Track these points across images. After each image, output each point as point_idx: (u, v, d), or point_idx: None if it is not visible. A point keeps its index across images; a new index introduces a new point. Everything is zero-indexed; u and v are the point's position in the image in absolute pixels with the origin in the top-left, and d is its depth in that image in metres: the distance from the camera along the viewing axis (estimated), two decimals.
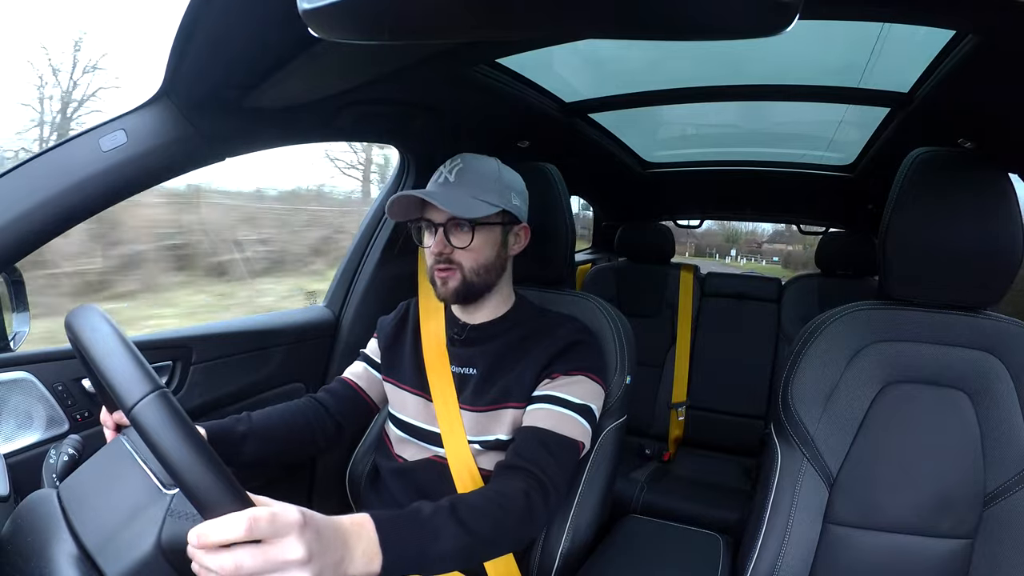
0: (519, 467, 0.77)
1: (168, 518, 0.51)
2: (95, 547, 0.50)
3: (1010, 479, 0.82)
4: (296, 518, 0.47)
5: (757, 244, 20.32)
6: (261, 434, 0.87)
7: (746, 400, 1.98)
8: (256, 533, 0.44)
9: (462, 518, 0.64)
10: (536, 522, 0.73)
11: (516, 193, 0.92)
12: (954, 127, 1.14)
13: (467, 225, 0.86)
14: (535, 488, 0.74)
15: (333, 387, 1.03)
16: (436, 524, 0.62)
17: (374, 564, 0.54)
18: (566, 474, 0.81)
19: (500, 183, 0.89)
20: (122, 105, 0.84)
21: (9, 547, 0.53)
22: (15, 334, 0.89)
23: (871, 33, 1.00)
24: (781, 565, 0.87)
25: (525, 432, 0.83)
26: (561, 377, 0.86)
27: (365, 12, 0.45)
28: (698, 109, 1.57)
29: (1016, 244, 0.81)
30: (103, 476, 0.57)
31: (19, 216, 0.76)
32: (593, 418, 0.88)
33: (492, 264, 0.90)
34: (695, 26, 0.45)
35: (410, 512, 0.62)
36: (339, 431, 0.99)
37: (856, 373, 0.88)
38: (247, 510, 0.44)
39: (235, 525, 0.43)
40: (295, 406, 0.96)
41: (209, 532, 0.44)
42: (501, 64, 1.13)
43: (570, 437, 0.83)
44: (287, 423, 0.92)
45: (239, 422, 0.87)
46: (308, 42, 0.69)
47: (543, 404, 0.85)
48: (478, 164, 0.89)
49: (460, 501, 0.67)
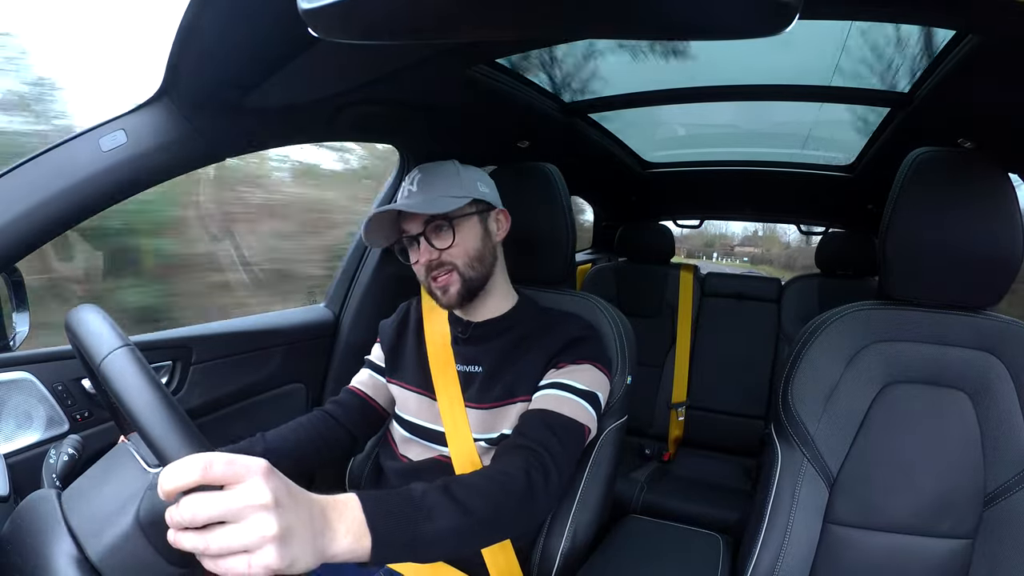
0: (520, 446, 0.74)
1: (148, 492, 0.49)
2: (84, 535, 0.49)
3: (1010, 479, 0.82)
4: (260, 464, 0.43)
5: (730, 247, 23.47)
6: (277, 452, 0.88)
7: (746, 400, 1.98)
8: (212, 476, 0.41)
9: (457, 496, 0.60)
10: (537, 502, 0.68)
11: (480, 181, 0.92)
12: (954, 127, 1.14)
13: (446, 224, 0.87)
14: (536, 467, 0.70)
15: (341, 398, 1.03)
16: (429, 503, 0.58)
17: (362, 543, 0.50)
18: (570, 456, 0.78)
19: (460, 177, 0.90)
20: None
21: (9, 547, 0.53)
22: (15, 334, 0.89)
23: (871, 33, 1.00)
24: (781, 565, 0.87)
25: (529, 414, 0.82)
26: (567, 366, 0.87)
27: (365, 12, 0.45)
28: (698, 109, 1.57)
29: (1016, 244, 0.81)
30: (103, 477, 0.57)
31: (19, 216, 0.76)
32: (599, 405, 0.87)
33: (482, 253, 0.90)
34: (695, 26, 0.45)
35: (400, 491, 0.58)
36: (353, 441, 1.00)
37: (856, 373, 0.88)
38: (206, 454, 0.41)
39: (189, 468, 0.40)
40: (306, 421, 0.96)
41: (164, 479, 0.41)
42: (501, 64, 1.13)
43: (575, 419, 0.81)
44: (300, 439, 0.93)
45: (254, 444, 0.87)
46: (308, 42, 0.69)
47: (549, 390, 0.85)
48: (436, 168, 0.90)
49: (455, 480, 0.63)
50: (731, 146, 2.04)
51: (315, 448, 0.93)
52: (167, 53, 0.74)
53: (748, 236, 23.63)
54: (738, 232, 22.06)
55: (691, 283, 2.13)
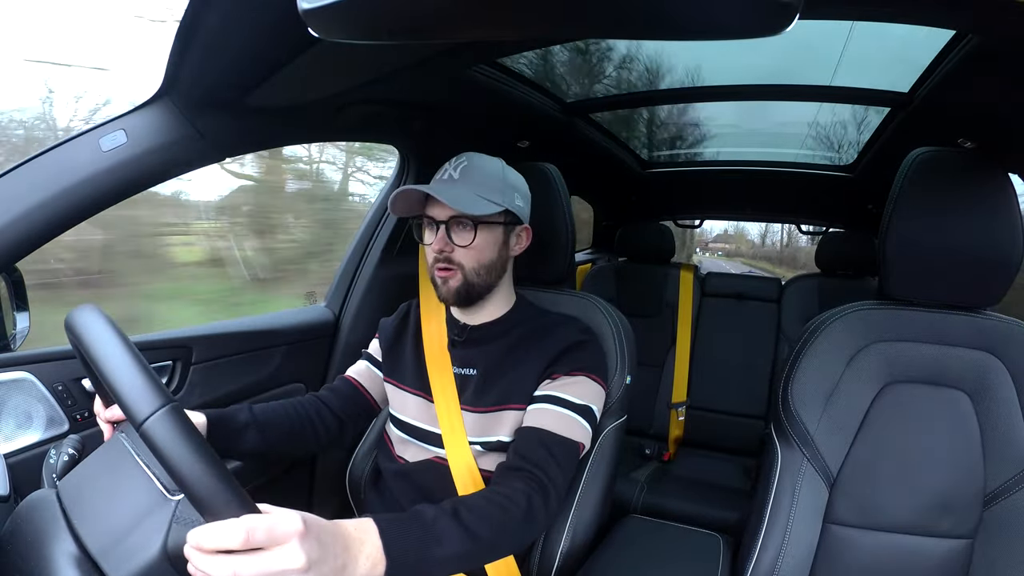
0: (521, 468, 0.77)
1: (174, 524, 0.51)
2: (99, 551, 0.50)
3: (1010, 479, 0.82)
4: (296, 526, 0.46)
5: (705, 243, 26.94)
6: (262, 425, 0.87)
7: (746, 400, 1.98)
8: (253, 543, 0.44)
9: (465, 522, 0.64)
10: (537, 524, 0.73)
11: (519, 194, 0.92)
12: (954, 127, 1.14)
13: (470, 223, 0.86)
14: (537, 491, 0.74)
15: (336, 385, 1.03)
16: (439, 528, 0.62)
17: (377, 569, 0.54)
18: (567, 475, 0.81)
19: (504, 183, 0.89)
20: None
21: (9, 547, 0.53)
22: (15, 334, 0.89)
23: (871, 33, 1.00)
24: (781, 565, 0.87)
25: (526, 432, 0.83)
26: (562, 377, 0.86)
27: (365, 12, 0.45)
28: (698, 109, 1.57)
29: (1016, 244, 0.81)
30: (104, 476, 0.57)
31: (19, 216, 0.76)
32: (593, 418, 0.88)
33: (493, 264, 0.90)
34: (695, 26, 0.45)
35: (413, 516, 0.62)
36: (340, 428, 0.99)
37: (856, 373, 0.88)
38: (244, 517, 0.44)
39: (232, 533, 0.43)
40: (297, 401, 0.96)
41: (206, 537, 0.43)
42: (501, 64, 1.13)
43: (571, 438, 0.83)
44: (288, 416, 0.92)
45: (240, 411, 0.87)
46: (308, 42, 0.69)
47: (544, 404, 0.85)
48: (483, 163, 0.89)
49: (462, 504, 0.67)
50: (731, 146, 2.04)
51: (300, 429, 0.93)
52: (167, 53, 0.74)
53: (720, 234, 28.43)
54: (711, 230, 26.26)
55: (691, 283, 2.13)
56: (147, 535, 0.51)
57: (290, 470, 1.31)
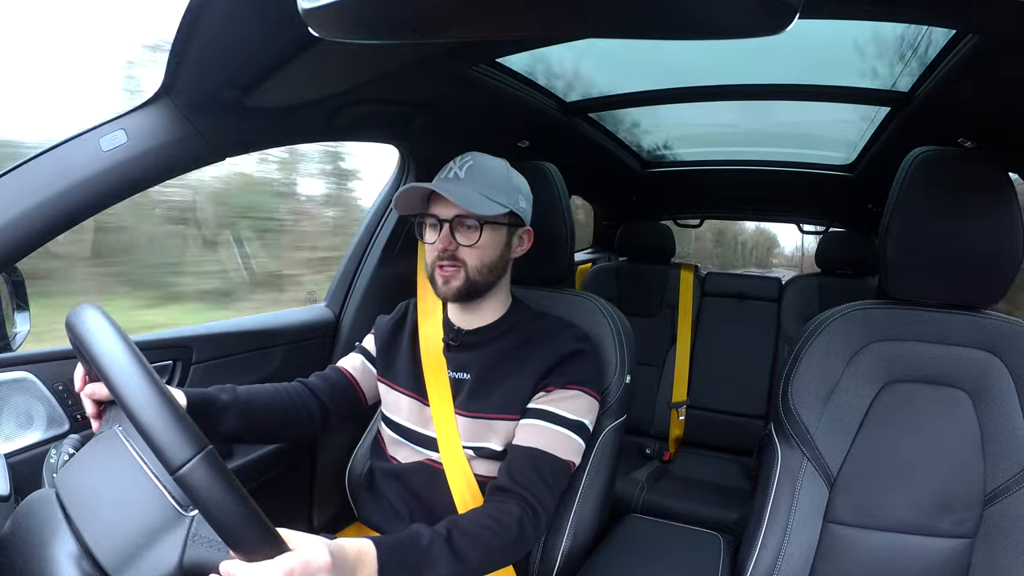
0: (513, 492, 0.79)
1: (190, 543, 0.53)
2: (113, 568, 0.51)
3: (1010, 479, 0.82)
4: (325, 559, 0.52)
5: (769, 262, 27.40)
6: (243, 407, 0.86)
7: (746, 400, 1.98)
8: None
9: (457, 547, 0.68)
10: (525, 547, 0.78)
11: (523, 196, 0.92)
12: (954, 126, 1.14)
13: (475, 223, 0.86)
14: (528, 515, 0.77)
15: (327, 373, 1.02)
16: (433, 553, 0.67)
17: None
18: (556, 497, 0.84)
19: (509, 184, 0.89)
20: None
21: (9, 547, 0.53)
22: (15, 334, 0.89)
23: (872, 33, 1.00)
24: (781, 565, 0.87)
25: (519, 452, 0.84)
26: (556, 391, 0.86)
27: (365, 12, 0.45)
28: (698, 109, 1.57)
29: (1016, 244, 0.81)
30: (105, 477, 0.57)
31: (19, 216, 0.76)
32: (586, 433, 0.88)
33: (496, 264, 0.90)
34: (695, 26, 0.45)
35: (410, 539, 0.67)
36: (325, 416, 0.97)
37: (856, 372, 0.88)
38: (280, 560, 0.48)
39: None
40: (283, 386, 0.95)
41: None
42: (501, 64, 1.13)
43: (562, 458, 0.84)
44: (272, 399, 0.91)
45: (222, 392, 0.85)
46: (308, 42, 0.69)
47: (537, 419, 0.85)
48: (488, 163, 0.89)
49: (456, 528, 0.71)
50: (731, 146, 2.04)
51: (282, 412, 0.91)
52: (168, 52, 0.74)
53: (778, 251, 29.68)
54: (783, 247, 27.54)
55: (691, 283, 2.13)
56: (163, 553, 0.52)
57: (290, 470, 1.31)
